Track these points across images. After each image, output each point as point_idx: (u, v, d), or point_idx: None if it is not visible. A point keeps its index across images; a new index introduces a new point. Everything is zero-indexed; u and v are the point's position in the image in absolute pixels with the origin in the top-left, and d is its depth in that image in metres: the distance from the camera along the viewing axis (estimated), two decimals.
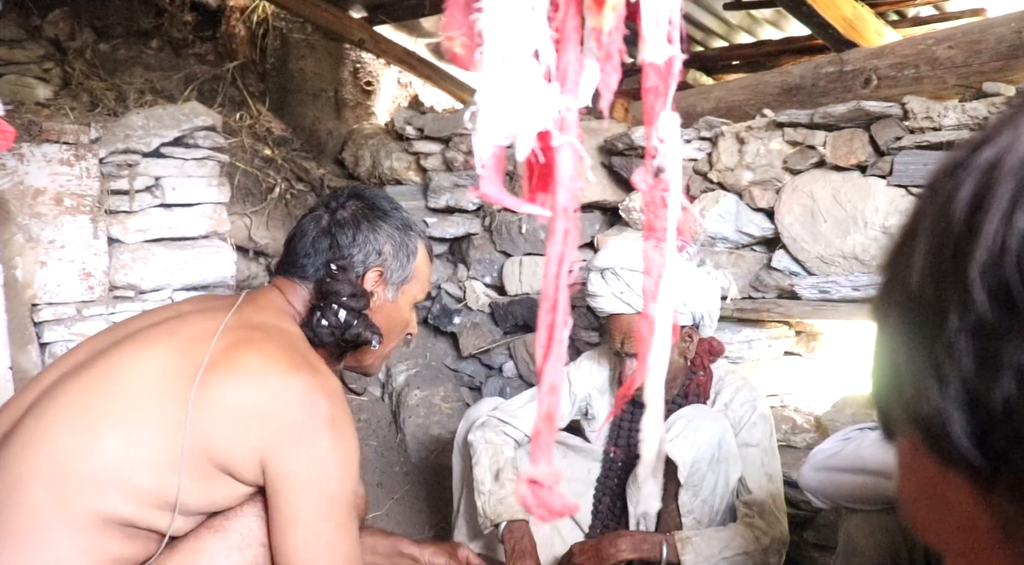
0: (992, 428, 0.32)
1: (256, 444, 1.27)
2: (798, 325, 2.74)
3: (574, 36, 0.49)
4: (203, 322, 1.36)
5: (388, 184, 3.80)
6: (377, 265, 1.54)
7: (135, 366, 1.28)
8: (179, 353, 1.29)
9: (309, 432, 1.28)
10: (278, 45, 4.32)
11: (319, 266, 1.51)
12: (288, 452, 1.27)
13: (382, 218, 1.56)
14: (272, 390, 1.27)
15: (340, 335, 1.47)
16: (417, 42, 4.38)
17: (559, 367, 0.48)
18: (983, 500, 0.34)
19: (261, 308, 1.46)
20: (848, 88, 2.65)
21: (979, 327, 0.32)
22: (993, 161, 0.34)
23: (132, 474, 1.22)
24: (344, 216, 1.55)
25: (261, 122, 4.02)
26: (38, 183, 2.68)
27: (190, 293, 3.02)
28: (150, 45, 4.12)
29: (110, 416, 1.24)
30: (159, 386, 1.26)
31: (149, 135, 2.90)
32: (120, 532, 1.23)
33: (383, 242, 1.55)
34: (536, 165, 0.51)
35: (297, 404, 1.28)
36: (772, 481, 2.05)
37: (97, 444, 1.22)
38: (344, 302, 1.47)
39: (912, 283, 0.36)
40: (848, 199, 2.30)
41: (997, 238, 0.32)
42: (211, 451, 1.26)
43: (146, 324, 1.41)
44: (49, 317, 2.71)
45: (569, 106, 0.48)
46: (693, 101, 3.20)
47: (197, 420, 1.24)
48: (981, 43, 2.33)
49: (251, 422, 1.26)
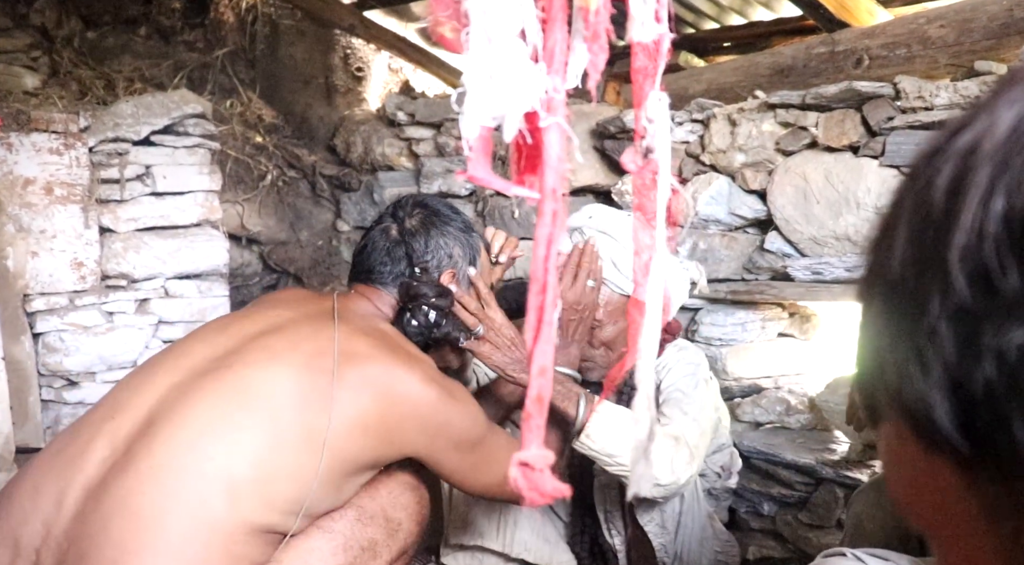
0: (974, 412, 0.32)
1: (400, 445, 1.43)
2: (792, 307, 2.75)
3: (561, 16, 0.48)
4: (316, 334, 1.46)
5: (380, 170, 3.79)
6: (450, 267, 1.65)
7: (269, 381, 1.37)
8: (307, 370, 1.38)
9: (443, 417, 1.44)
10: (267, 32, 4.29)
11: (398, 273, 1.63)
12: (432, 440, 1.44)
13: (448, 223, 1.68)
14: (401, 397, 1.40)
15: (429, 333, 1.59)
16: (407, 27, 4.36)
17: (549, 349, 0.48)
18: (967, 484, 0.34)
19: (359, 315, 1.58)
20: (840, 68, 2.65)
21: (959, 312, 0.32)
22: (971, 145, 0.34)
23: (277, 485, 1.30)
24: (413, 225, 1.66)
25: (252, 109, 3.99)
26: (28, 173, 2.66)
27: (183, 282, 3.01)
28: (138, 33, 4.08)
29: (255, 430, 1.31)
30: (297, 403, 1.34)
31: (139, 123, 2.88)
32: (262, 538, 1.30)
33: (452, 245, 1.66)
34: (524, 147, 0.50)
35: (424, 400, 1.41)
36: (689, 417, 1.84)
37: (245, 456, 1.28)
38: (432, 302, 1.58)
39: (894, 268, 0.36)
40: (840, 180, 2.30)
41: (975, 222, 0.32)
42: (353, 459, 1.39)
43: (255, 330, 1.48)
44: (41, 307, 2.70)
45: (556, 87, 0.48)
46: (685, 83, 3.19)
47: (338, 435, 1.34)
48: (972, 22, 2.33)
49: (392, 429, 1.40)
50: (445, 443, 1.47)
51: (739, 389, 2.66)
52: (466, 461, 1.51)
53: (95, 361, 2.80)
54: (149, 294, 2.95)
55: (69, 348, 2.75)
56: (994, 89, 0.35)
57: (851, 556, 1.27)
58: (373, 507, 1.49)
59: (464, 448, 1.49)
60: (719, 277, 2.62)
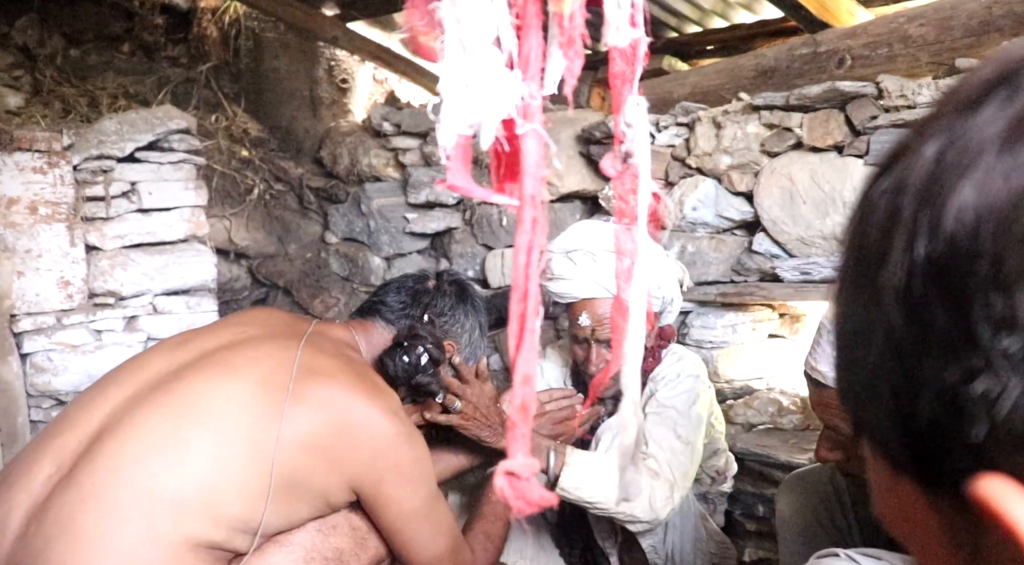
0: (923, 443, 0.33)
1: (349, 474, 1.38)
2: (781, 307, 2.75)
3: (535, 22, 0.48)
4: (278, 352, 1.43)
5: (367, 181, 3.78)
6: (454, 340, 1.71)
7: (221, 396, 1.33)
8: (263, 386, 1.35)
9: (394, 454, 1.40)
10: (251, 45, 4.29)
11: (414, 315, 1.68)
12: (381, 475, 1.40)
13: (475, 310, 1.78)
14: (358, 423, 1.37)
15: (413, 373, 1.59)
16: (391, 38, 4.36)
17: (533, 357, 0.47)
18: (928, 504, 0.35)
19: (329, 339, 1.56)
20: (822, 69, 2.66)
21: (899, 347, 0.33)
22: (898, 183, 0.34)
23: (223, 501, 1.27)
24: (448, 289, 1.75)
25: (237, 123, 3.98)
26: (11, 192, 2.65)
27: (171, 298, 3.00)
28: (121, 49, 4.08)
29: (202, 445, 1.28)
30: (247, 419, 1.32)
31: (123, 140, 2.87)
32: (207, 555, 1.27)
33: (469, 326, 1.74)
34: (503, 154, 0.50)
35: (380, 432, 1.39)
36: (681, 441, 1.84)
37: (191, 473, 1.25)
38: (429, 349, 1.59)
39: (842, 302, 0.37)
40: (826, 180, 2.31)
41: (904, 263, 0.33)
42: (307, 482, 1.35)
43: (215, 345, 1.45)
44: (28, 327, 2.68)
45: (533, 93, 0.48)
46: (669, 87, 3.20)
47: (287, 453, 1.31)
48: (952, 20, 2.34)
49: (342, 454, 1.37)
50: (392, 489, 1.42)
51: (731, 391, 2.66)
52: (411, 517, 1.45)
53: (84, 380, 2.78)
54: (137, 311, 2.93)
55: (57, 368, 2.73)
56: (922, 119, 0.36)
57: (844, 556, 1.27)
58: (335, 517, 1.45)
59: (410, 499, 1.44)
60: (708, 280, 2.62)
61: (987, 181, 0.31)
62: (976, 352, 0.30)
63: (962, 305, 0.30)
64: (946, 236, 0.31)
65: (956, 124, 0.33)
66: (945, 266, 0.31)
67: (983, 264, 0.30)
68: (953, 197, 0.31)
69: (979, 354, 0.30)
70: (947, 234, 0.31)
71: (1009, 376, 0.30)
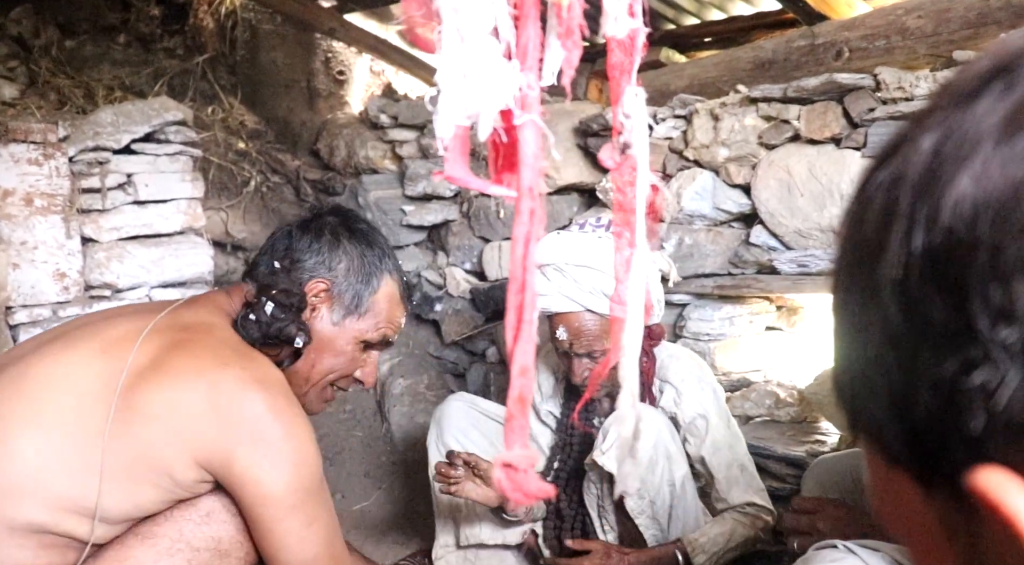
0: (920, 437, 0.33)
1: (195, 447, 1.23)
2: (779, 300, 2.75)
3: (533, 13, 0.48)
4: (129, 323, 1.32)
5: (364, 173, 3.78)
6: (323, 278, 1.48)
7: (54, 369, 1.24)
8: (102, 355, 1.25)
9: (249, 425, 1.24)
10: (248, 37, 4.27)
11: (270, 264, 1.48)
12: (231, 449, 1.24)
13: (349, 238, 1.52)
14: (203, 390, 1.23)
15: (266, 330, 1.40)
16: (388, 29, 4.35)
17: (530, 349, 0.47)
18: (927, 499, 0.35)
19: (197, 307, 1.42)
20: (820, 61, 2.65)
21: (897, 340, 0.33)
22: (896, 175, 0.34)
23: (48, 479, 1.18)
24: (312, 224, 1.52)
25: (233, 115, 3.97)
26: (7, 184, 2.64)
27: (168, 290, 2.99)
28: (117, 41, 4.06)
29: (24, 420, 1.20)
30: (79, 389, 1.22)
31: (119, 132, 2.86)
32: (34, 540, 1.19)
33: (338, 259, 1.49)
34: (500, 145, 0.50)
35: (233, 401, 1.24)
36: (748, 462, 2.03)
37: (11, 450, 1.18)
38: (274, 296, 1.41)
39: (840, 294, 0.37)
40: (824, 172, 2.30)
41: (901, 256, 0.33)
42: (144, 456, 1.22)
43: (72, 327, 1.37)
44: (24, 319, 2.68)
45: (531, 84, 0.47)
46: (666, 79, 3.19)
47: (124, 425, 1.20)
48: (950, 12, 2.34)
49: (185, 425, 1.23)
50: (246, 465, 1.24)
51: (728, 384, 2.66)
52: (272, 505, 1.26)
53: None
54: (134, 303, 2.93)
55: None
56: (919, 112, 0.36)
57: (842, 547, 1.27)
58: (208, 503, 1.30)
59: (271, 481, 1.25)
60: (705, 272, 2.62)
61: (985, 172, 0.31)
62: (974, 343, 0.30)
63: (960, 296, 0.30)
64: (944, 227, 0.31)
65: (953, 116, 0.33)
66: (943, 257, 0.31)
67: (981, 255, 0.30)
68: (951, 189, 0.31)
69: (977, 345, 0.30)
70: (945, 225, 0.31)
71: (1007, 367, 0.30)
